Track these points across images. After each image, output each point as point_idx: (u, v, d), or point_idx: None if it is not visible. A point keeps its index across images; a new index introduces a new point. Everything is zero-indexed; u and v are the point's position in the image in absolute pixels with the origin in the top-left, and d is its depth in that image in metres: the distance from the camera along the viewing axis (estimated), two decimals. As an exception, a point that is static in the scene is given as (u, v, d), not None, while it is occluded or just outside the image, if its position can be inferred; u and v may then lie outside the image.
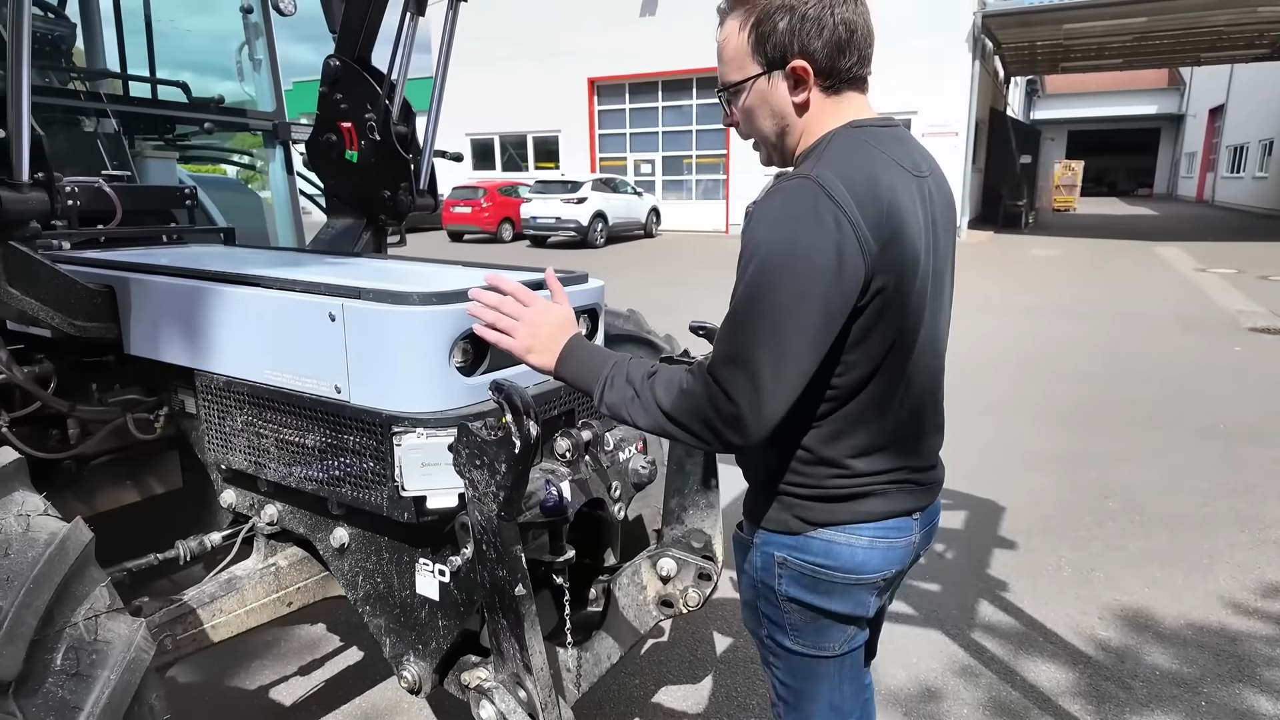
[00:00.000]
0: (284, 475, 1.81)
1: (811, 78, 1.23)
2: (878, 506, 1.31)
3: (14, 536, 1.21)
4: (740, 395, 1.13)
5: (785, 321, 1.12)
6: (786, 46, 1.21)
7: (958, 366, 7.09)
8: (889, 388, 1.27)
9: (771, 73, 1.24)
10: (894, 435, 1.30)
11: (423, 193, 2.81)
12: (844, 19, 1.20)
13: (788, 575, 1.34)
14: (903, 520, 1.34)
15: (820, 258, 1.12)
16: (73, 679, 1.14)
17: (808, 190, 1.14)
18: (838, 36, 1.20)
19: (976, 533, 3.79)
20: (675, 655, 2.75)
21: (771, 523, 1.34)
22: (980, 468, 4.60)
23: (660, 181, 22.60)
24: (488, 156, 25.11)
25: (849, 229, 1.13)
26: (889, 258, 1.17)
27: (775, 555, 1.34)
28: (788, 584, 1.34)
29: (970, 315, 9.47)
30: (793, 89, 1.25)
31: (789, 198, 1.16)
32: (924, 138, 18.92)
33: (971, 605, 3.13)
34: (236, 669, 2.59)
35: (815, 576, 1.32)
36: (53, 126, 2.82)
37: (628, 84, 22.08)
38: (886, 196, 1.18)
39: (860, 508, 1.30)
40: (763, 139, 1.33)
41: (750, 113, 1.30)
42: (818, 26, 1.19)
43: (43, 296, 1.90)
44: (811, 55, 1.21)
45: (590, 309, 2.03)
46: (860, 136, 1.24)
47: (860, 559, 1.31)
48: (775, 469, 1.32)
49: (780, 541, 1.33)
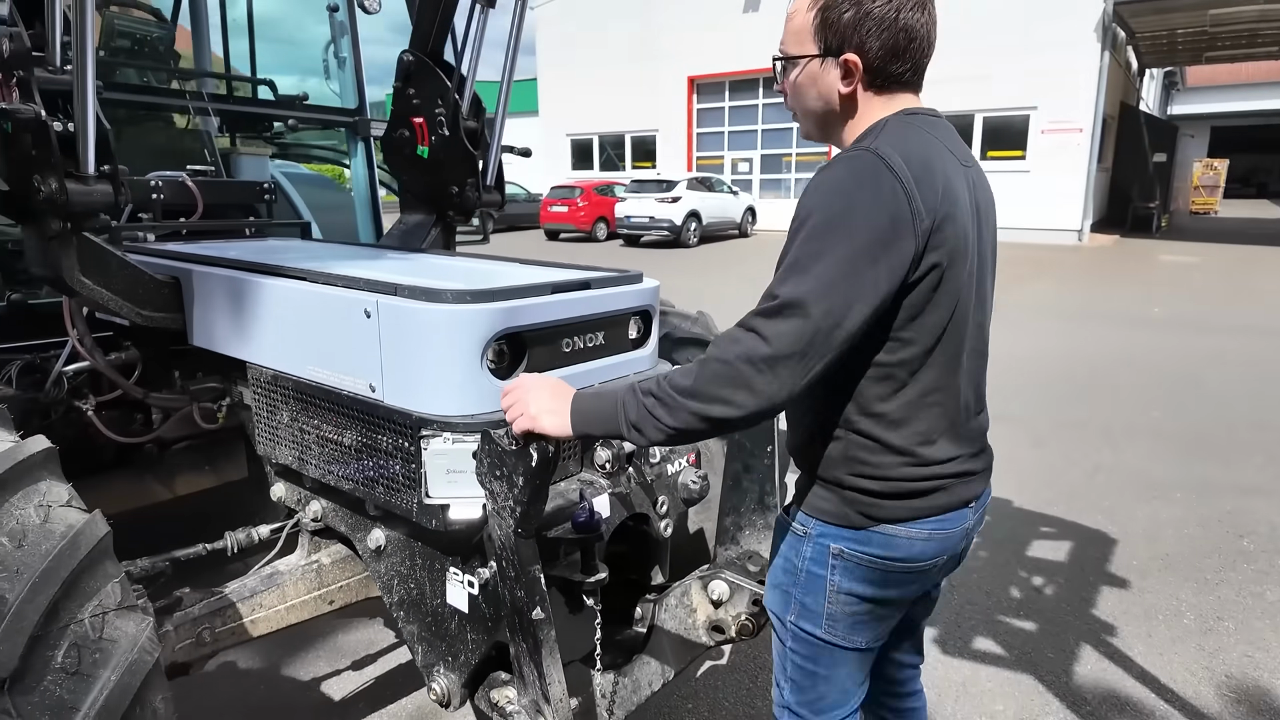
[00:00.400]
0: (323, 473, 1.79)
1: (859, 73, 1.26)
2: (939, 500, 1.32)
3: (31, 527, 1.20)
4: (779, 339, 1.12)
5: (832, 277, 1.12)
6: (846, 38, 1.24)
7: (1069, 378, 6.60)
8: (947, 371, 1.28)
9: (826, 58, 1.27)
10: (953, 419, 1.32)
11: (489, 188, 2.76)
12: (906, 25, 1.22)
13: (843, 567, 1.34)
14: (961, 510, 1.36)
15: (876, 221, 1.14)
16: (72, 678, 1.12)
17: (867, 160, 1.18)
18: (896, 41, 1.23)
19: (1081, 566, 3.44)
20: (733, 680, 2.59)
21: (831, 515, 1.34)
22: (1089, 492, 4.20)
23: (758, 180, 22.21)
24: (586, 157, 25.40)
25: (904, 200, 1.15)
26: (943, 237, 1.19)
27: (831, 547, 1.34)
28: (842, 575, 1.34)
29: (1086, 323, 8.76)
30: (842, 78, 1.27)
31: (848, 166, 1.19)
32: (1043, 134, 17.80)
33: (1071, 650, 2.82)
34: (293, 658, 2.63)
35: (871, 567, 1.33)
36: (145, 123, 2.96)
37: (728, 81, 21.80)
38: (941, 178, 1.21)
39: (925, 503, 1.31)
40: (807, 114, 1.37)
41: (799, 89, 1.33)
42: (879, 26, 1.22)
43: (113, 286, 1.95)
44: (866, 52, 1.24)
45: (643, 310, 1.91)
46: (914, 122, 1.27)
47: (918, 550, 1.33)
48: (839, 458, 1.31)
49: (839, 534, 1.33)
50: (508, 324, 1.54)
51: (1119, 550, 3.58)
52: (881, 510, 1.30)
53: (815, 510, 1.36)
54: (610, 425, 1.24)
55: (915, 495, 1.31)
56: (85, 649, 1.15)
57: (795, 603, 1.41)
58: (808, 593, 1.38)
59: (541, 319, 1.62)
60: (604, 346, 1.80)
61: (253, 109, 3.26)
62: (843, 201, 1.15)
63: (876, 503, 1.30)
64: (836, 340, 1.14)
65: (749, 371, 1.13)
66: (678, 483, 1.90)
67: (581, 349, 1.74)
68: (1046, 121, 17.52)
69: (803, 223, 1.17)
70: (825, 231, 1.14)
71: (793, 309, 1.12)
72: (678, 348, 2.75)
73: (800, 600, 1.40)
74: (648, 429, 1.20)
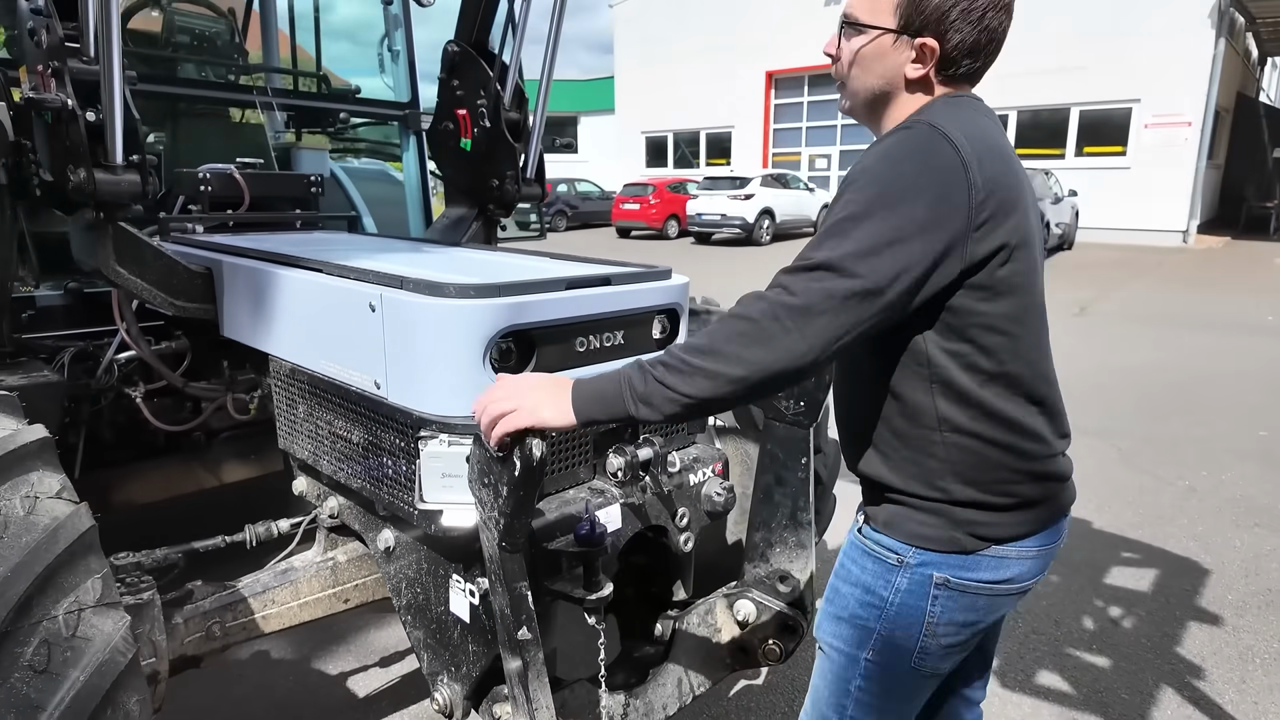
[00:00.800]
0: (335, 469, 1.75)
1: (933, 60, 1.19)
2: (1048, 510, 1.24)
3: (14, 519, 1.19)
4: (808, 293, 1.05)
5: (873, 243, 1.05)
6: (929, 22, 1.17)
7: (1166, 390, 6.11)
8: (1036, 360, 1.21)
9: (902, 35, 1.19)
10: (1051, 414, 1.23)
11: (530, 181, 2.70)
12: (989, 26, 1.18)
13: (947, 597, 1.22)
14: (1063, 520, 1.29)
15: (928, 191, 1.07)
16: (40, 676, 1.09)
17: (922, 131, 1.12)
18: (977, 39, 1.18)
19: (1166, 598, 3.12)
20: (767, 702, 2.44)
21: (936, 541, 1.20)
22: (1181, 516, 3.84)
23: (836, 177, 21.64)
24: (661, 154, 25.33)
25: (962, 173, 1.08)
26: (1007, 216, 1.12)
27: (935, 576, 1.21)
28: (944, 606, 1.22)
29: (1189, 331, 8.11)
30: (913, 61, 1.20)
31: (907, 137, 1.13)
32: (1146, 129, 16.64)
33: (1149, 691, 2.55)
34: (323, 652, 2.63)
35: (979, 594, 1.22)
36: (206, 118, 3.03)
37: (807, 76, 21.32)
38: (1003, 159, 1.15)
39: (1037, 515, 1.23)
40: (861, 90, 1.26)
41: (863, 60, 1.23)
42: (965, 20, 1.16)
43: (147, 276, 1.97)
44: (946, 41, 1.18)
45: (669, 309, 1.79)
46: (962, 103, 1.21)
47: (1027, 568, 1.24)
48: (942, 470, 1.18)
49: (945, 561, 1.21)
50: (513, 320, 1.46)
51: (1213, 582, 3.24)
52: (996, 529, 1.20)
53: (912, 536, 1.21)
54: (616, 405, 1.13)
55: (1029, 505, 1.21)
56: (56, 646, 1.12)
57: (877, 638, 1.26)
58: (898, 627, 1.24)
59: (552, 316, 1.53)
60: (623, 346, 1.69)
61: (305, 102, 3.30)
62: (893, 169, 1.10)
63: (991, 520, 1.19)
64: (874, 307, 1.06)
65: (773, 327, 1.04)
66: (701, 494, 1.79)
67: (598, 349, 1.64)
68: (1150, 115, 16.38)
69: (848, 188, 1.11)
70: (872, 198, 1.08)
71: (827, 269, 1.05)
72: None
73: (885, 635, 1.26)
74: (658, 401, 1.09)
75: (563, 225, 20.34)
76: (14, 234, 1.87)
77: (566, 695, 1.55)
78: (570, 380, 1.18)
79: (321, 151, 3.72)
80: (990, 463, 1.18)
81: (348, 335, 1.61)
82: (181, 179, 2.58)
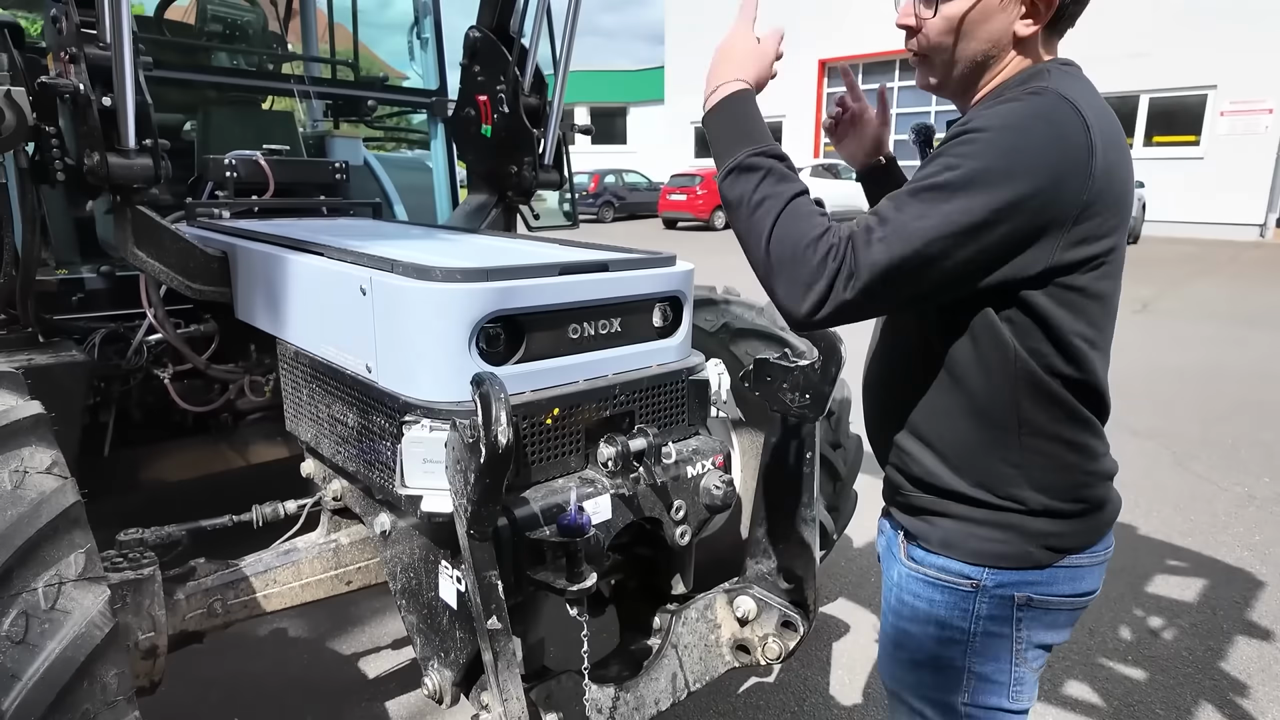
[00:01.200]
0: (333, 453, 1.76)
1: (1047, 13, 1.07)
2: (1109, 514, 1.17)
3: (1, 493, 1.21)
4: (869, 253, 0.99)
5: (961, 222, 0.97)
6: None
7: (1230, 392, 5.79)
8: (1106, 362, 1.13)
9: None
10: (1106, 411, 1.14)
11: (547, 168, 2.67)
12: None
13: (1031, 618, 1.13)
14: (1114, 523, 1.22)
15: (1044, 176, 0.97)
16: (17, 646, 1.12)
17: (1056, 103, 1.01)
18: None
19: (1213, 609, 2.95)
20: (777, 702, 2.39)
21: (1009, 558, 1.12)
22: (1236, 523, 3.63)
23: (889, 168, 21.17)
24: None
25: (1085, 155, 0.99)
26: (1117, 205, 1.03)
27: (1017, 597, 1.13)
28: (1029, 627, 1.14)
29: (1260, 330, 7.67)
30: (1023, 17, 1.09)
31: (1037, 105, 1.01)
32: (1221, 116, 15.80)
33: (1186, 707, 2.41)
34: (338, 631, 2.67)
35: (1061, 610, 1.15)
36: (233, 105, 3.08)
37: (861, 64, 20.86)
38: (1122, 148, 1.05)
39: (1104, 519, 1.16)
40: (959, 59, 1.13)
41: (966, 25, 1.09)
42: None
43: (164, 259, 2.01)
44: None
45: (672, 296, 1.75)
46: (1077, 74, 1.09)
47: (1096, 577, 1.18)
48: (1014, 477, 1.09)
49: (1022, 579, 1.12)
50: (500, 305, 1.44)
51: (1266, 595, 3.05)
52: (1069, 538, 1.12)
53: (981, 555, 1.12)
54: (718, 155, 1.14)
55: (1097, 509, 1.14)
56: (35, 618, 1.14)
57: (970, 676, 1.16)
58: (986, 659, 1.15)
59: (542, 301, 1.50)
60: (620, 334, 1.66)
61: (333, 90, 3.33)
62: (1014, 140, 0.98)
63: (1064, 529, 1.11)
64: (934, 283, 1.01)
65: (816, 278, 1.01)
66: (699, 487, 1.74)
67: (592, 336, 1.61)
68: (1227, 102, 15.55)
69: (956, 145, 1.01)
70: (976, 171, 0.98)
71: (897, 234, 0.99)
72: (738, 339, 2.56)
73: (977, 671, 1.15)
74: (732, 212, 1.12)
75: (610, 216, 20.36)
76: (37, 218, 1.93)
77: (552, 686, 1.53)
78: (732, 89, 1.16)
79: (355, 140, 3.77)
80: (1065, 466, 1.10)
81: (342, 318, 1.61)
82: (209, 165, 2.63)
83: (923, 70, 1.18)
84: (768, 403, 1.77)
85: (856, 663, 2.57)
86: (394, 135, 4.40)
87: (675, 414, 1.76)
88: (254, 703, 2.33)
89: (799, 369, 1.66)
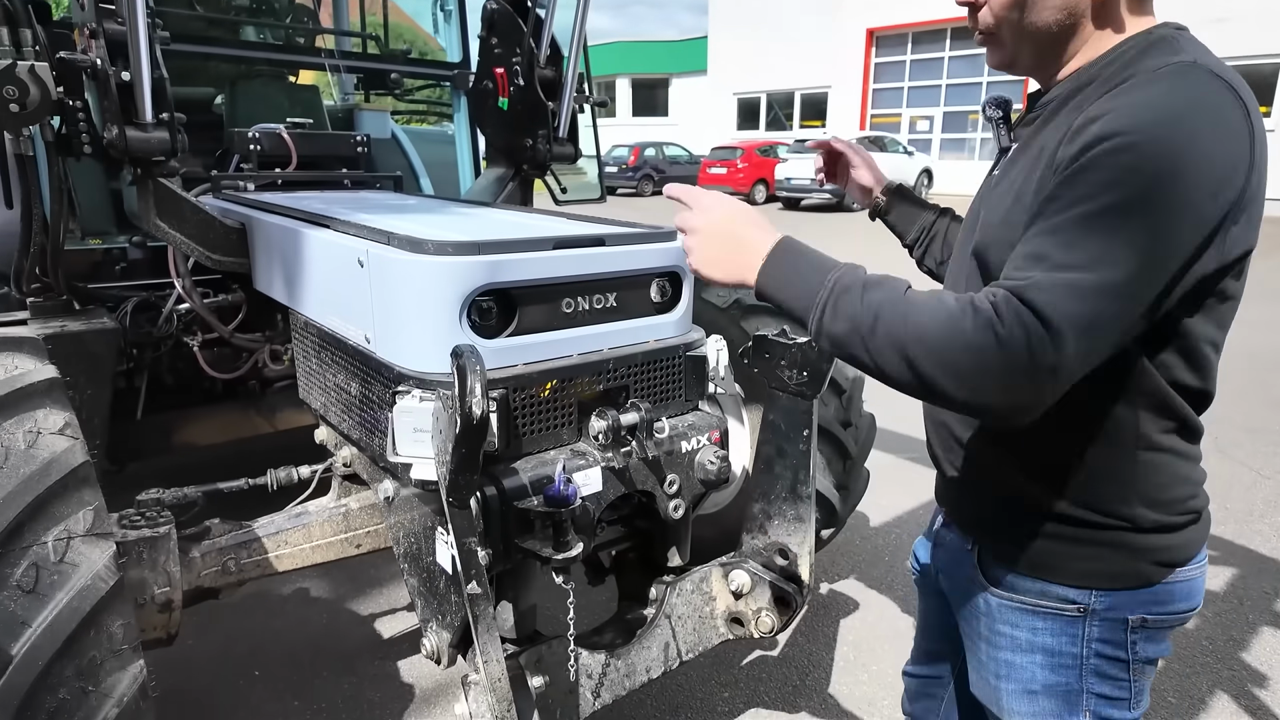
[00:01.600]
0: (339, 420, 1.82)
1: None
2: (1209, 518, 1.10)
3: (15, 450, 1.29)
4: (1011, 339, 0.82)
5: (1151, 241, 0.84)
6: None
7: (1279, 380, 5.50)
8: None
9: None
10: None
11: (561, 141, 2.68)
12: None
13: (1145, 637, 1.07)
14: None
15: (1220, 161, 0.85)
16: (27, 595, 1.19)
17: (1204, 80, 0.88)
18: None
19: (1239, 599, 2.87)
20: (779, 674, 2.41)
21: (1119, 578, 1.05)
22: (1273, 514, 3.51)
23: (938, 140, 20.57)
24: (752, 116, 24.72)
25: (1248, 141, 0.87)
26: (1262, 195, 0.92)
27: (1130, 619, 1.06)
28: (1144, 646, 1.08)
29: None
30: None
31: (1182, 85, 0.88)
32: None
33: (1200, 696, 2.36)
34: (358, 592, 2.77)
35: (1172, 626, 1.09)
36: (259, 78, 3.14)
37: (910, 33, 20.26)
38: (1263, 124, 0.91)
39: (1206, 523, 1.09)
40: (1033, 30, 1.01)
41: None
42: None
43: (185, 230, 2.08)
44: None
45: (671, 272, 1.75)
46: (1200, 43, 0.95)
47: (1201, 586, 1.11)
48: (1124, 493, 1.01)
49: (1135, 599, 1.05)
50: (491, 279, 1.46)
51: (1299, 586, 2.96)
52: (1178, 550, 1.05)
53: (1086, 576, 1.06)
54: (798, 310, 0.97)
55: (1200, 517, 1.07)
56: (44, 570, 1.21)
57: (1089, 697, 1.10)
58: (1103, 684, 1.10)
59: (535, 275, 1.52)
60: (616, 309, 1.67)
61: (356, 63, 3.37)
62: (1170, 134, 0.84)
63: (1173, 543, 1.04)
64: (1128, 323, 0.87)
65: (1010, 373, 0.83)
66: (694, 462, 1.75)
67: (587, 310, 1.62)
68: (1302, 70, 14.71)
69: (1101, 159, 0.84)
70: (1156, 168, 0.83)
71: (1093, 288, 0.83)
72: (748, 315, 2.54)
73: (1098, 692, 1.10)
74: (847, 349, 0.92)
75: (649, 190, 20.23)
76: (64, 190, 2.00)
77: (543, 650, 1.57)
78: (773, 240, 1.01)
79: (383, 113, 3.81)
80: (1179, 480, 1.03)
81: (343, 289, 1.66)
82: (234, 139, 2.70)
83: (992, 50, 1.07)
84: (766, 379, 1.76)
85: (863, 640, 2.57)
86: (423, 109, 4.43)
87: (672, 389, 1.77)
88: (275, 658, 2.44)
89: (797, 346, 1.65)
